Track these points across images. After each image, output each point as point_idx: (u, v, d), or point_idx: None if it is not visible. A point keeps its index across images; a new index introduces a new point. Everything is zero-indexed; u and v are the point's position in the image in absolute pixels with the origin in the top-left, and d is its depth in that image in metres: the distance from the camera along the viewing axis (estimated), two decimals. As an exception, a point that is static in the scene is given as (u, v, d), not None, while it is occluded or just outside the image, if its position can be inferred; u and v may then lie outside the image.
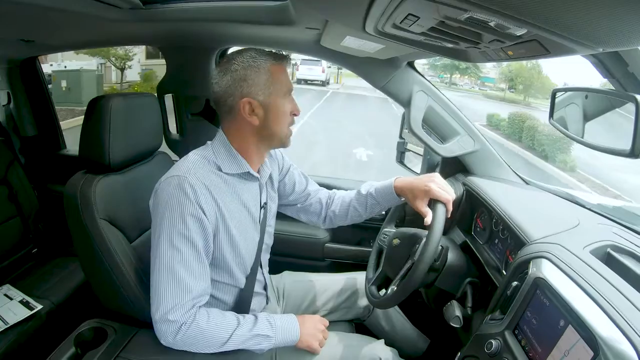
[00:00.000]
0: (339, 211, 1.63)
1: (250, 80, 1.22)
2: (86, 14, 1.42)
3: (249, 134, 1.28)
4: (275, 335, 1.27)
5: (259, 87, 1.23)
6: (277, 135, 1.29)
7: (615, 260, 1.11)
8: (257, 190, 1.38)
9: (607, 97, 1.27)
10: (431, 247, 1.27)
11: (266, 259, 1.53)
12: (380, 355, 1.41)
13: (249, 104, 1.23)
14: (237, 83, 1.22)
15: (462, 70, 37.38)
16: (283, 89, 1.26)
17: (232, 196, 1.27)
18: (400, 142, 2.35)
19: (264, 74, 1.23)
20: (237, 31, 1.81)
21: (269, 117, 1.25)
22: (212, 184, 1.21)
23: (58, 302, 1.93)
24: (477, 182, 1.76)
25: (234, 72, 1.22)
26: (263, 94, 1.23)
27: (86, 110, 1.35)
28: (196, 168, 1.22)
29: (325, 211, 1.66)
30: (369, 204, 1.57)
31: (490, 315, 1.20)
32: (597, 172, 11.01)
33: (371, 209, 1.59)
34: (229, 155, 1.28)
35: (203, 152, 1.28)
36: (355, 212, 1.61)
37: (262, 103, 1.24)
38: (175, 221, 1.16)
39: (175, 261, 1.16)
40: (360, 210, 1.60)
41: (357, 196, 1.60)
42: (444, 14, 0.77)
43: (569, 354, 0.86)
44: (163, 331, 1.17)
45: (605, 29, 0.65)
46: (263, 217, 1.42)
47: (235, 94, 1.22)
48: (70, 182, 1.35)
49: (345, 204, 1.62)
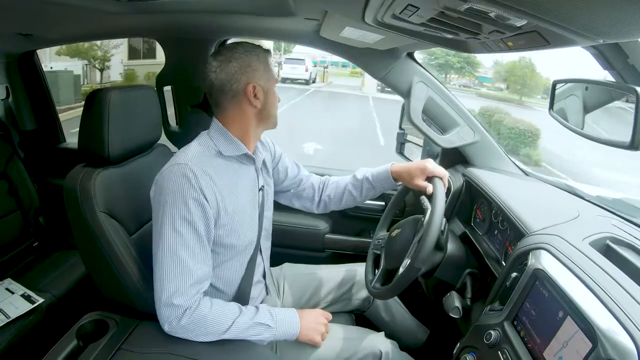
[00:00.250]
0: (333, 195, 1.67)
1: (254, 66, 1.28)
2: (84, 6, 1.41)
3: (251, 117, 1.33)
4: (276, 326, 1.27)
5: (261, 73, 1.30)
6: (272, 117, 1.38)
7: (614, 252, 1.11)
8: (254, 173, 1.40)
9: (607, 88, 1.26)
10: (438, 214, 1.29)
11: (266, 245, 1.55)
12: (381, 348, 1.42)
13: (254, 88, 1.28)
14: (243, 69, 1.27)
15: (457, 69, 37.09)
16: (274, 78, 1.35)
17: (232, 179, 1.30)
18: (400, 133, 2.35)
19: (262, 62, 1.31)
20: (236, 22, 1.80)
21: (267, 100, 1.33)
22: (213, 169, 1.24)
23: (59, 295, 1.93)
24: (477, 173, 1.76)
25: (239, 59, 1.28)
26: (264, 80, 1.30)
27: (85, 103, 1.35)
28: (197, 156, 1.25)
29: (318, 196, 1.69)
30: (365, 188, 1.62)
31: (489, 306, 1.21)
32: (572, 167, 11.06)
33: (366, 193, 1.63)
34: (226, 139, 1.31)
35: (201, 140, 1.32)
36: (350, 197, 1.65)
37: (264, 88, 1.31)
38: (177, 206, 1.18)
39: (179, 245, 1.18)
40: (355, 194, 1.64)
41: (353, 180, 1.64)
42: (443, 5, 0.76)
43: (568, 345, 0.86)
44: (167, 316, 1.18)
45: (605, 20, 0.64)
46: (261, 201, 1.44)
47: (242, 79, 1.28)
48: (69, 176, 1.34)
49: (340, 189, 1.66)
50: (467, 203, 1.80)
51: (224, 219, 1.26)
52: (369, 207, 2.30)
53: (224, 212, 1.25)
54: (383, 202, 2.28)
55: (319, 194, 1.69)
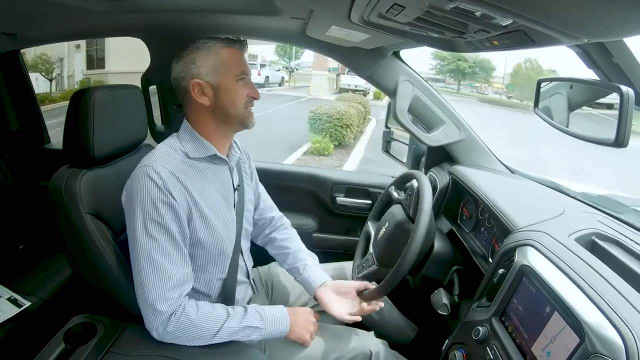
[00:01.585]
0: (275, 252, 1.67)
1: (198, 62, 1.26)
2: (69, 5, 1.39)
3: (206, 116, 1.30)
4: (265, 327, 1.27)
5: (207, 69, 1.26)
6: (232, 116, 1.31)
7: (599, 247, 1.13)
8: (227, 173, 1.38)
9: (591, 87, 1.28)
10: (425, 215, 1.32)
11: (247, 246, 1.53)
12: (371, 348, 1.42)
13: (199, 85, 1.26)
14: (187, 66, 1.26)
15: (470, 75, 36.98)
16: (235, 71, 1.28)
17: (202, 181, 1.28)
18: (386, 131, 2.36)
19: (212, 56, 1.26)
20: (221, 21, 1.79)
21: (220, 97, 1.28)
22: (180, 170, 1.22)
23: (46, 298, 1.91)
24: (463, 171, 1.78)
25: (185, 56, 1.27)
26: (212, 75, 1.26)
27: (69, 103, 1.33)
28: (162, 157, 1.23)
29: (267, 233, 1.70)
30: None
31: (477, 303, 1.22)
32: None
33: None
34: (194, 141, 1.30)
35: (169, 142, 1.30)
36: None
37: (212, 84, 1.27)
38: (147, 210, 1.16)
39: (153, 249, 1.16)
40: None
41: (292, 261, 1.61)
42: (429, 4, 0.76)
43: (555, 340, 0.87)
44: (152, 322, 1.17)
45: (590, 19, 0.65)
46: (238, 200, 1.43)
47: (187, 77, 1.27)
48: (55, 177, 1.33)
49: (282, 253, 1.64)
50: (453, 201, 1.81)
51: (197, 221, 1.25)
52: (356, 205, 2.31)
53: (197, 212, 1.24)
54: (370, 201, 2.29)
55: (269, 230, 1.70)
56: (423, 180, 1.42)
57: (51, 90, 15.76)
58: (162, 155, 1.24)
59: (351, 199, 2.33)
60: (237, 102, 1.30)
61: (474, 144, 1.93)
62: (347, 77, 24.44)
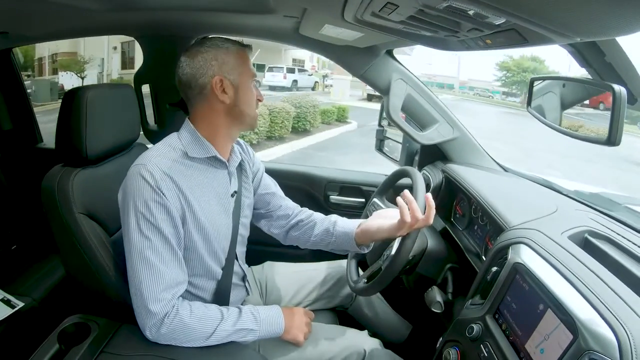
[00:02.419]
0: (302, 239, 1.62)
1: (220, 59, 1.24)
2: (62, 3, 1.38)
3: (221, 115, 1.28)
4: (260, 328, 1.26)
5: (230, 66, 1.25)
6: (246, 116, 1.31)
7: (592, 245, 1.13)
8: (226, 178, 1.35)
9: (584, 86, 1.29)
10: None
11: (242, 251, 1.51)
12: (365, 347, 1.42)
13: (221, 82, 1.24)
14: (208, 62, 1.23)
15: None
16: (249, 73, 1.29)
17: (198, 183, 1.26)
18: (379, 130, 2.36)
19: (232, 56, 1.26)
20: (215, 19, 1.79)
21: (239, 96, 1.27)
22: (175, 171, 1.20)
23: (40, 298, 1.89)
24: (456, 170, 1.78)
25: (205, 52, 1.24)
26: (233, 74, 1.25)
27: (62, 102, 1.32)
28: (158, 156, 1.21)
29: (288, 227, 1.64)
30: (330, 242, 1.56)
31: (470, 301, 1.22)
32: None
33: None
34: (195, 141, 1.27)
35: (168, 140, 1.28)
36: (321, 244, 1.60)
37: (233, 82, 1.26)
38: (140, 209, 1.15)
39: (147, 249, 1.15)
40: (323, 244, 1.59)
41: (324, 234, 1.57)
42: (422, 3, 0.76)
43: (549, 337, 0.87)
44: (145, 323, 1.16)
45: (582, 19, 0.65)
46: (235, 207, 1.40)
47: (207, 73, 1.24)
48: (47, 176, 1.32)
49: (313, 235, 1.60)
50: (446, 199, 1.82)
51: (190, 224, 1.23)
52: (349, 204, 2.31)
53: (190, 215, 1.23)
54: (363, 199, 2.29)
55: (290, 223, 1.63)
56: (419, 183, 1.41)
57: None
58: (157, 154, 1.22)
59: (345, 197, 2.33)
60: (252, 102, 1.31)
61: (467, 143, 1.94)
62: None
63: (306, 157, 9.28)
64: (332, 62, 2.13)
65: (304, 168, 2.39)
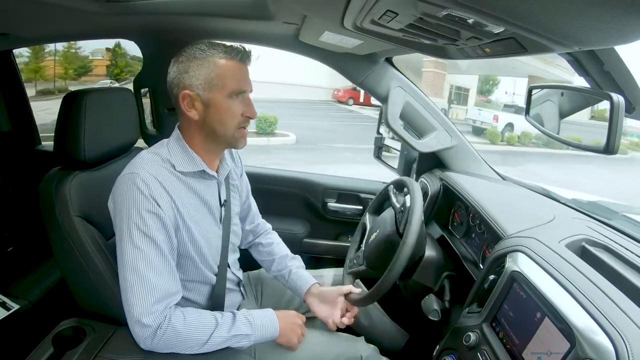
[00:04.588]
0: (261, 257, 1.68)
1: (191, 72, 1.18)
2: (62, 5, 1.38)
3: (194, 130, 1.24)
4: (254, 333, 1.25)
5: (199, 81, 1.18)
6: (220, 135, 1.24)
7: (590, 253, 1.13)
8: (215, 187, 1.34)
9: (582, 94, 1.29)
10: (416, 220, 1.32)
11: (234, 258, 1.50)
12: (362, 353, 1.42)
13: (189, 97, 1.19)
14: (180, 74, 1.19)
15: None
16: (230, 87, 1.20)
17: (187, 194, 1.24)
18: (378, 137, 2.36)
19: (206, 68, 1.18)
20: (214, 25, 1.79)
21: (209, 113, 1.21)
22: (165, 179, 1.18)
23: (35, 301, 1.89)
24: (454, 177, 1.79)
25: (180, 63, 1.20)
26: (202, 89, 1.18)
27: (61, 105, 1.32)
28: (149, 164, 1.18)
29: (251, 238, 1.70)
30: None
31: (467, 309, 1.22)
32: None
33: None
34: (183, 153, 1.24)
35: (156, 150, 1.25)
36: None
37: (202, 98, 1.19)
38: (133, 219, 1.12)
39: (139, 260, 1.12)
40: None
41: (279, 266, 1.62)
42: (422, 11, 0.77)
43: (547, 346, 0.87)
44: (139, 335, 1.13)
45: (581, 28, 0.66)
46: (225, 216, 1.39)
47: (179, 85, 1.20)
48: (45, 179, 1.31)
49: (269, 258, 1.65)
50: (444, 207, 1.82)
51: (183, 231, 1.22)
52: (346, 211, 2.31)
53: (182, 224, 1.21)
54: (361, 207, 2.29)
55: (253, 237, 1.69)
56: (416, 196, 1.41)
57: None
58: (148, 162, 1.19)
59: (342, 205, 2.32)
60: (226, 121, 1.22)
61: (465, 150, 1.94)
62: (473, 111, 19.63)
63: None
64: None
65: (301, 174, 2.39)
